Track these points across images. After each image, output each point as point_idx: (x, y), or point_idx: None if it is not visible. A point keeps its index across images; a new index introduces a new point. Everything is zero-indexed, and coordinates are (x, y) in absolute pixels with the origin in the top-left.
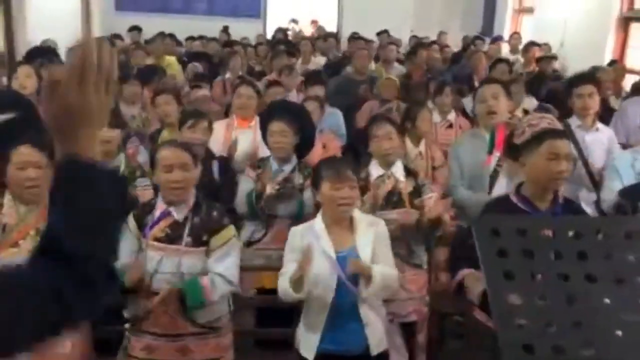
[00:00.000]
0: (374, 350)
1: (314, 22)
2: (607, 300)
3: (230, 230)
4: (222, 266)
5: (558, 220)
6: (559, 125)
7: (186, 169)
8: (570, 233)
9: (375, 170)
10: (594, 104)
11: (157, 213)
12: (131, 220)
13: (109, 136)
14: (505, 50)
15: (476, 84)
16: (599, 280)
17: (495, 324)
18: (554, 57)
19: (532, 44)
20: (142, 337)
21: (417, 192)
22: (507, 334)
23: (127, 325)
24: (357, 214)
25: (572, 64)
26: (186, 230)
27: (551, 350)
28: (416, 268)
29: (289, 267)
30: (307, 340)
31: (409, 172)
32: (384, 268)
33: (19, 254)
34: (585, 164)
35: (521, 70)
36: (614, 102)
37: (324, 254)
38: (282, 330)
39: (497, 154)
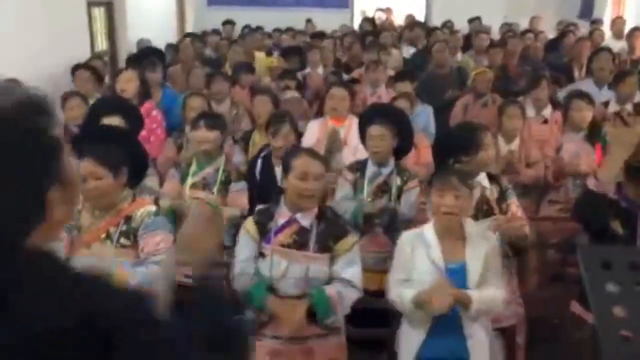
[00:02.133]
0: None
1: (388, 9)
2: None
3: (354, 237)
4: (349, 272)
5: None
6: None
7: (319, 179)
8: None
9: None
10: None
11: (280, 220)
12: (251, 225)
13: (207, 137)
14: (607, 35)
15: (576, 73)
16: None
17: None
18: None
19: (636, 29)
20: (266, 341)
21: (502, 196)
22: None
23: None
24: (469, 225)
25: None
26: (313, 237)
27: None
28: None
29: (399, 275)
30: (407, 345)
31: (492, 178)
32: (487, 292)
33: (90, 254)
34: None
35: (625, 58)
36: None
37: (433, 264)
38: (374, 330)
39: None
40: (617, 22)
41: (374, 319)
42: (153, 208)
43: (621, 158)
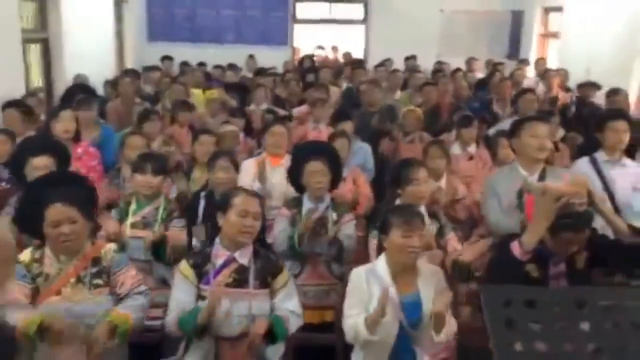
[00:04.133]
0: None
1: (333, 48)
2: None
3: (287, 272)
4: (291, 303)
5: (563, 291)
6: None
7: (257, 218)
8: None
9: None
10: (626, 139)
11: (218, 260)
12: (187, 269)
13: (152, 182)
14: (530, 74)
15: (498, 111)
16: (603, 350)
17: None
18: (595, 85)
19: (549, 70)
20: None
21: (440, 232)
22: None
23: None
24: (420, 261)
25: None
26: (252, 274)
27: None
28: None
29: (355, 309)
30: None
31: (431, 214)
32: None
33: (61, 301)
34: (611, 198)
35: (542, 97)
36: None
37: (389, 300)
38: None
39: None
40: (539, 63)
41: (315, 355)
42: (113, 246)
43: (544, 227)
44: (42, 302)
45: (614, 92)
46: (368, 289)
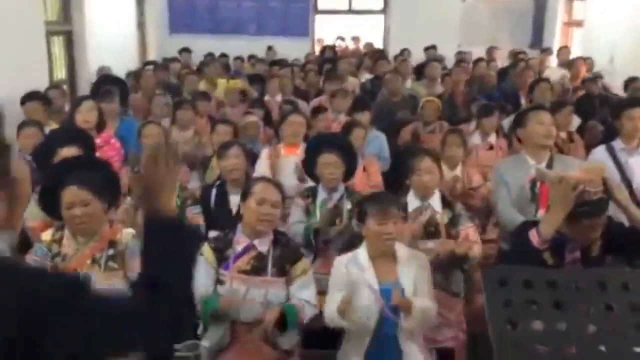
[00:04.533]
0: None
1: (355, 38)
2: (602, 348)
3: (307, 260)
4: (307, 293)
5: (561, 272)
6: None
7: (276, 206)
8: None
9: (412, 201)
10: None
11: (238, 247)
12: (209, 253)
13: None
14: (554, 63)
15: (522, 101)
16: (597, 328)
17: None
18: (599, 77)
19: (577, 59)
20: None
21: (453, 222)
22: None
23: (182, 350)
24: (399, 247)
25: (622, 79)
26: (270, 262)
27: None
28: (453, 296)
29: (335, 296)
30: None
31: (446, 203)
32: (423, 302)
33: None
34: (629, 186)
35: (568, 86)
36: None
37: (368, 286)
38: (327, 352)
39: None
40: (562, 52)
41: (325, 340)
42: (132, 231)
43: (562, 216)
44: None
45: (632, 80)
46: (348, 276)
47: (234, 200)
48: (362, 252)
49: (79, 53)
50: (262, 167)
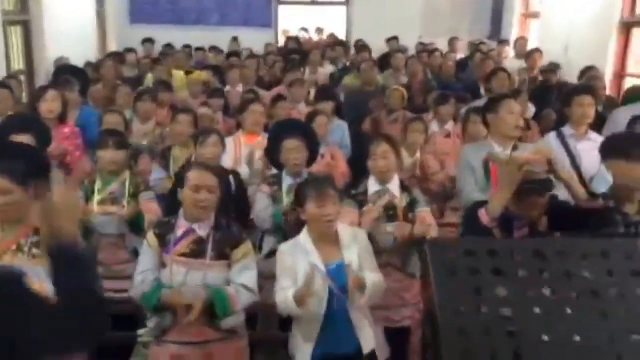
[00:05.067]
0: (365, 349)
1: (318, 30)
2: (536, 310)
3: (249, 244)
4: (244, 277)
5: (501, 242)
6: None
7: (212, 191)
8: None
9: (372, 185)
10: (592, 113)
11: (179, 231)
12: (152, 237)
13: (115, 156)
14: (511, 54)
15: (482, 90)
16: (529, 294)
17: (442, 330)
18: (557, 67)
19: (534, 50)
20: (168, 346)
21: (411, 206)
22: (450, 341)
23: (144, 336)
24: (340, 227)
25: (576, 68)
26: (209, 246)
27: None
28: (410, 277)
29: (284, 283)
30: (302, 347)
31: (404, 187)
32: (373, 276)
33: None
34: (577, 170)
35: (524, 76)
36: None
37: (314, 268)
38: (275, 333)
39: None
40: (519, 43)
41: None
42: None
43: (508, 194)
44: None
45: (587, 69)
46: (293, 262)
47: None
48: (303, 237)
49: (36, 43)
50: (226, 158)
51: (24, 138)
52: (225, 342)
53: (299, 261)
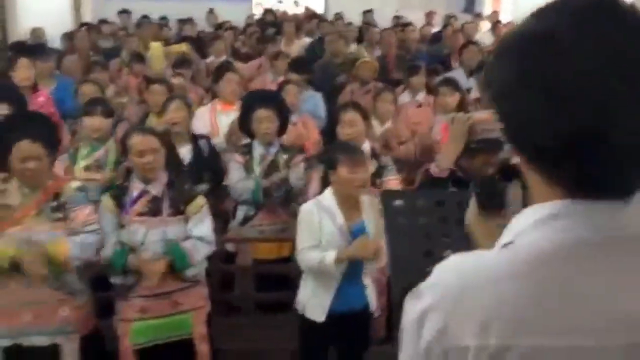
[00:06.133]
0: (372, 307)
1: (295, 2)
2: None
3: (202, 198)
4: (200, 230)
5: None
6: None
7: (156, 151)
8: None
9: None
10: None
11: (134, 192)
12: (108, 201)
13: (102, 124)
14: (486, 27)
15: (453, 63)
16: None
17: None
18: None
19: (498, 22)
20: (135, 301)
21: (379, 173)
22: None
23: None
24: (361, 194)
25: None
26: (165, 203)
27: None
28: None
29: (309, 242)
30: (318, 304)
31: (374, 154)
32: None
33: (22, 229)
34: None
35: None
36: None
37: (338, 227)
38: (279, 293)
39: None
40: (492, 16)
41: (276, 283)
42: (76, 184)
43: (457, 149)
44: (4, 231)
45: None
46: (318, 221)
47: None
48: (328, 198)
49: (10, 15)
50: (201, 124)
51: (2, 107)
52: (187, 291)
53: (324, 221)
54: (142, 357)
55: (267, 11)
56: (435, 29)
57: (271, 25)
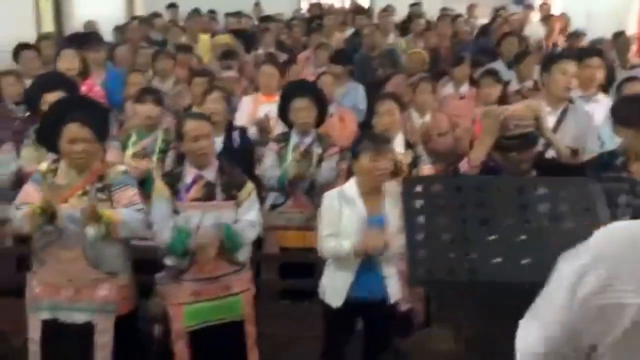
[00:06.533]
0: (391, 299)
1: None
2: (492, 237)
3: (251, 184)
4: (251, 214)
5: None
6: None
7: (209, 137)
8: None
9: None
10: (600, 75)
11: (188, 179)
12: (163, 187)
13: (153, 111)
14: (536, 19)
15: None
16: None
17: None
18: (582, 34)
19: (550, 15)
20: (187, 285)
21: (415, 162)
22: (415, 263)
23: (163, 278)
24: (387, 183)
25: (598, 33)
26: (218, 188)
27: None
28: None
29: (329, 230)
30: (335, 289)
31: (409, 145)
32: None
33: (67, 208)
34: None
35: (542, 42)
36: (620, 73)
37: (357, 217)
38: (303, 281)
39: None
40: (543, 8)
41: (300, 271)
42: (122, 167)
43: (488, 143)
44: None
45: (618, 35)
46: (339, 209)
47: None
48: (350, 187)
49: (66, 6)
50: (242, 115)
51: (55, 95)
52: (236, 274)
53: (345, 210)
54: (192, 338)
55: (314, 5)
56: (483, 21)
57: (317, 18)
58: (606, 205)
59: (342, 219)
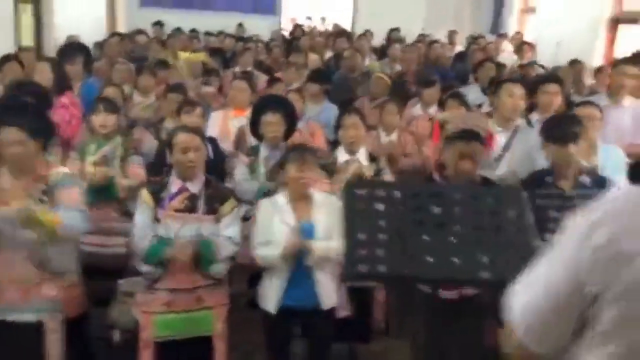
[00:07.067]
0: (325, 306)
1: (322, 19)
2: (425, 237)
3: (234, 201)
4: (231, 231)
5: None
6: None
7: (198, 149)
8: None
9: (341, 155)
10: (558, 101)
11: (173, 188)
12: (147, 196)
13: (106, 120)
14: (509, 48)
15: (471, 80)
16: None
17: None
18: (535, 64)
19: (522, 43)
20: (159, 294)
21: (378, 175)
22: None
23: (125, 285)
24: (316, 193)
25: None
26: (201, 201)
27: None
28: None
29: (260, 238)
30: (270, 296)
31: (372, 158)
32: (327, 243)
33: (8, 210)
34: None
35: (515, 69)
36: (576, 98)
37: (286, 224)
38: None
39: None
40: (516, 37)
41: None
42: (65, 170)
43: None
44: None
45: (574, 62)
46: (270, 217)
47: None
48: (281, 197)
49: (46, 22)
50: (213, 130)
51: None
52: (211, 288)
53: (274, 218)
54: (159, 350)
55: (297, 26)
56: (459, 48)
57: (296, 40)
58: (533, 214)
59: (273, 227)
